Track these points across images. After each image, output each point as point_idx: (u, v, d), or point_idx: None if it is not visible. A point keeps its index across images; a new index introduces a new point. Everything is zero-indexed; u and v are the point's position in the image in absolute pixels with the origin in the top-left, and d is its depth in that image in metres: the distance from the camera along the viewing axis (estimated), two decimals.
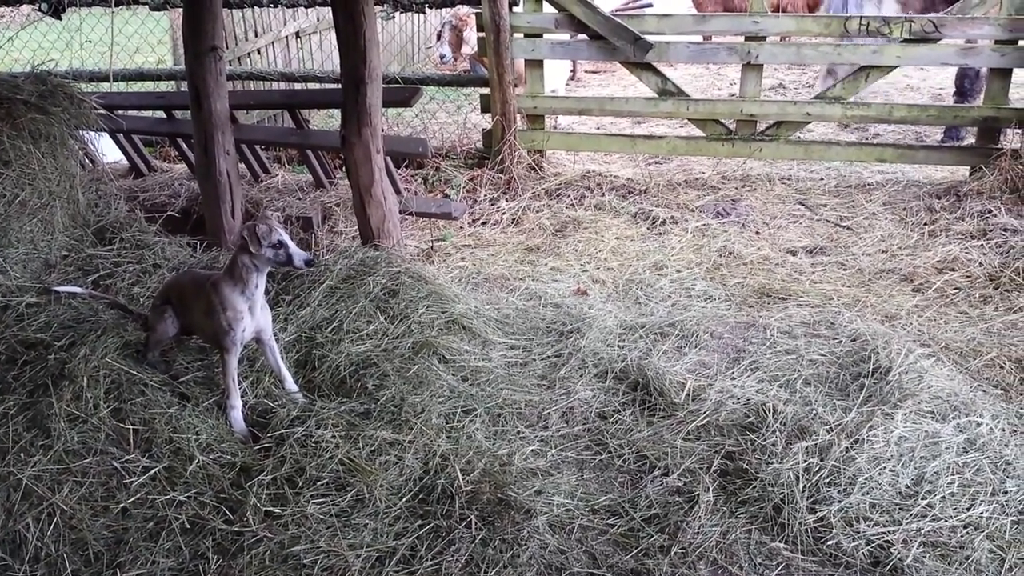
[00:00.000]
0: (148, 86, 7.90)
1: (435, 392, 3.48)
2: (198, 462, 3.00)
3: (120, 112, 5.69)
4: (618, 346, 3.95)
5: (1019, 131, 5.67)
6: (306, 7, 6.71)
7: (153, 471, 2.95)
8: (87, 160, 5.47)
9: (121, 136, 6.06)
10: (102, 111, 4.91)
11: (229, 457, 3.08)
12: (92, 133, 5.15)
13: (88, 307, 3.73)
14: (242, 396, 3.33)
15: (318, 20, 8.92)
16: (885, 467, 2.98)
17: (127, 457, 2.98)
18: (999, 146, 5.78)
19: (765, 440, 3.18)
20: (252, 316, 3.22)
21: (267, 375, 3.49)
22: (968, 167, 5.95)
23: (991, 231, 5.06)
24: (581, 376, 3.71)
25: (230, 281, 3.19)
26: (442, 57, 7.61)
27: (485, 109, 6.50)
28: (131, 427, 3.07)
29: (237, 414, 3.25)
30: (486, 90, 6.40)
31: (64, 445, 2.96)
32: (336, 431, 3.14)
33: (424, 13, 6.75)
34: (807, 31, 5.99)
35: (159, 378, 3.35)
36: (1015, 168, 5.51)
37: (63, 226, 4.48)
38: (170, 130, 6.01)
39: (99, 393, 3.13)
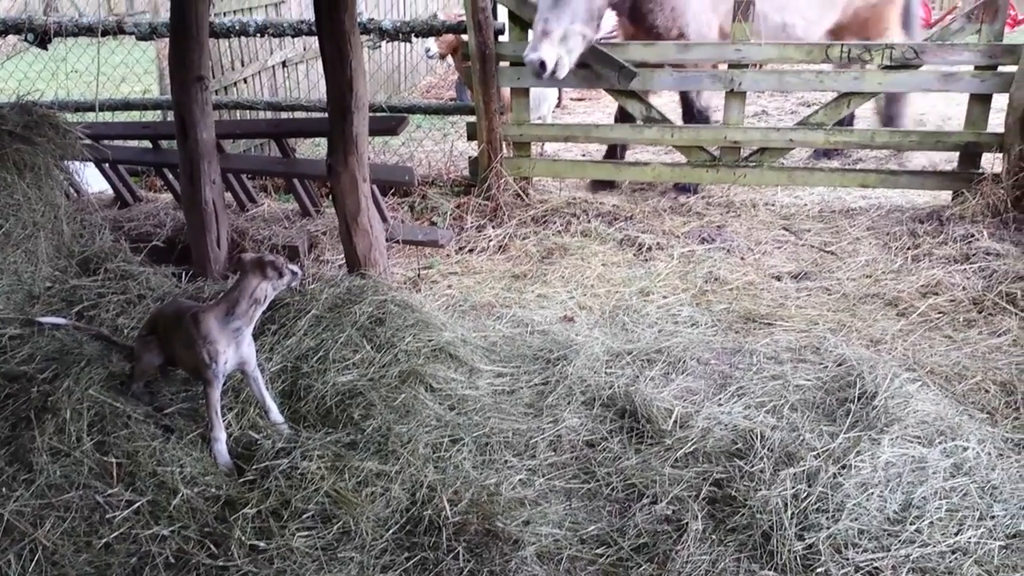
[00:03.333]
0: (134, 116, 7.89)
1: (422, 421, 3.47)
2: (182, 495, 2.97)
3: (106, 142, 5.68)
4: (605, 373, 3.95)
5: (999, 155, 5.73)
6: (292, 37, 6.74)
7: (136, 505, 2.92)
8: (72, 190, 5.45)
9: (107, 166, 6.05)
10: (88, 141, 4.91)
11: (214, 490, 3.05)
12: (77, 163, 5.14)
13: (72, 338, 3.70)
14: (227, 428, 3.31)
15: (304, 50, 8.96)
16: (873, 493, 2.98)
17: (110, 491, 2.95)
18: (980, 171, 5.85)
19: (753, 467, 3.18)
20: (238, 349, 3.22)
21: (252, 406, 3.47)
22: (950, 192, 6.01)
23: (974, 255, 5.10)
24: (569, 404, 3.71)
25: (219, 314, 3.18)
26: (427, 50, 7.60)
27: (471, 137, 6.52)
28: (114, 460, 3.04)
29: (221, 447, 3.22)
30: (472, 118, 6.44)
31: (46, 479, 2.93)
32: (322, 462, 3.11)
33: (410, 42, 6.77)
34: (789, 58, 6.06)
35: (143, 410, 3.32)
36: (996, 192, 5.56)
37: (47, 257, 4.46)
38: (156, 160, 6.00)
39: (82, 426, 3.10)
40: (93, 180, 6.17)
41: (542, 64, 5.54)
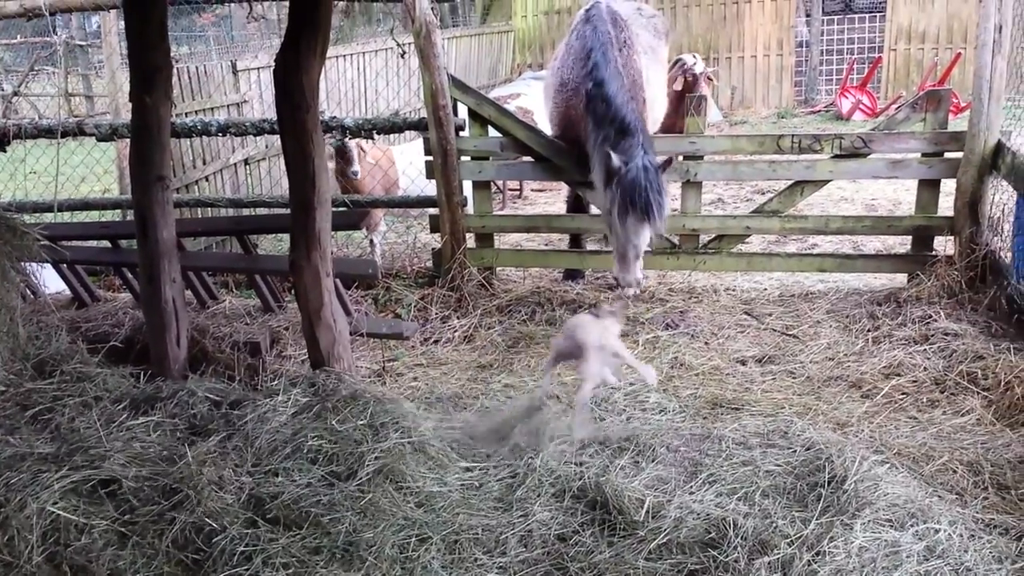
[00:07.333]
0: (93, 215, 7.86)
1: (389, 521, 3.38)
2: None
3: (64, 242, 5.62)
4: (575, 463, 3.89)
5: (951, 238, 5.88)
6: (255, 135, 6.80)
7: None
8: (29, 292, 5.37)
9: (64, 266, 5.97)
10: (45, 242, 4.85)
11: None
12: (35, 264, 5.08)
13: (26, 444, 3.58)
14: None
15: (267, 147, 9.05)
16: None
17: None
18: (933, 253, 5.99)
19: (727, 556, 3.12)
20: None
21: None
22: (906, 274, 6.13)
23: (933, 335, 5.18)
24: (538, 496, 3.63)
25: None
26: (355, 173, 7.47)
27: (434, 229, 6.57)
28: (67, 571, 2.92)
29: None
30: (435, 210, 6.50)
31: None
32: (286, 572, 3.00)
33: (373, 139, 6.86)
34: (741, 150, 6.23)
35: (98, 519, 3.19)
36: (951, 274, 5.69)
37: (2, 360, 4.35)
38: (114, 259, 5.95)
39: (33, 539, 2.98)
40: (50, 281, 6.09)
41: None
